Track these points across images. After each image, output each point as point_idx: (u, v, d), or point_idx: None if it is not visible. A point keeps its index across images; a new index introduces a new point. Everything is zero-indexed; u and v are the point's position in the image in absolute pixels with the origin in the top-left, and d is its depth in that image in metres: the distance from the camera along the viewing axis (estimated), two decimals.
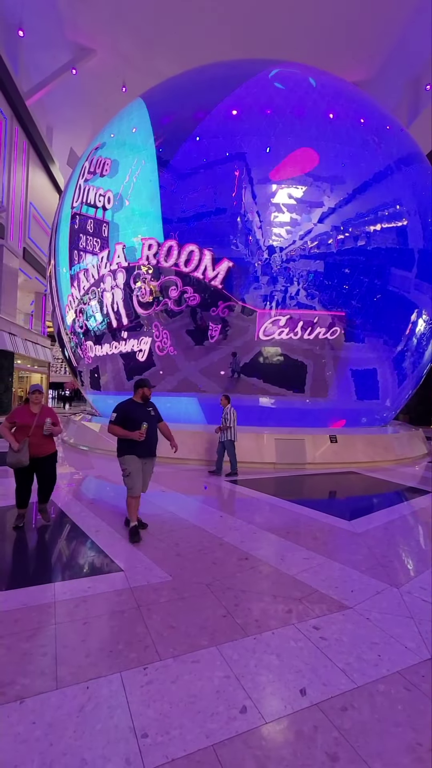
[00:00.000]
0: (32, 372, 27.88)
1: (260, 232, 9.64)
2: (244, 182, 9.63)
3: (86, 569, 3.36)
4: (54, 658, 2.17)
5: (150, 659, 2.18)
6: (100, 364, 11.58)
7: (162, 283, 10.03)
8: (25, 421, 4.25)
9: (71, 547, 3.88)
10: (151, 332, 10.28)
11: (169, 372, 10.23)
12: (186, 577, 3.19)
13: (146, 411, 4.35)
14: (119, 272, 10.65)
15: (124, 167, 10.69)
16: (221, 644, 2.33)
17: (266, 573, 3.30)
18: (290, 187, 9.56)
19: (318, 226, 9.53)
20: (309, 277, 9.76)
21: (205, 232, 9.79)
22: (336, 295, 9.85)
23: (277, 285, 9.65)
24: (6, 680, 2.00)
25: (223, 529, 4.38)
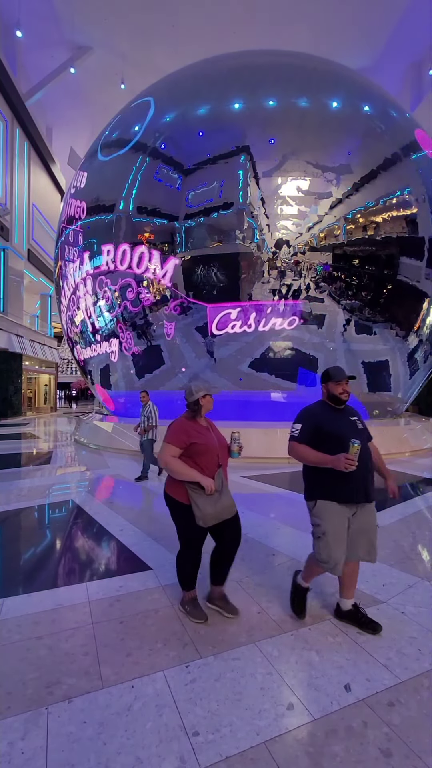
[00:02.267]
0: (40, 373, 28.05)
1: (266, 226, 9.58)
2: (249, 175, 9.54)
3: (115, 568, 3.38)
4: (96, 658, 2.19)
5: (191, 657, 2.19)
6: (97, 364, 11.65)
7: (120, 285, 10.48)
8: (206, 441, 2.62)
9: (98, 547, 3.90)
10: (117, 334, 10.90)
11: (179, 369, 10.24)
12: None
13: (351, 422, 2.56)
14: (88, 279, 11.28)
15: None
16: (259, 641, 2.34)
17: (296, 568, 3.30)
18: (296, 178, 9.47)
19: (326, 217, 9.44)
20: (318, 269, 9.70)
21: (211, 227, 9.76)
22: (345, 287, 9.78)
23: (285, 278, 9.59)
24: (52, 680, 2.02)
25: (246, 525, 4.34)
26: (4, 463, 9.19)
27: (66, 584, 3.06)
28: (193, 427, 2.63)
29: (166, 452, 2.54)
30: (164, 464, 2.54)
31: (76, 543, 4.07)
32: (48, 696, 1.91)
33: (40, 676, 2.05)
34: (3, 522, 4.76)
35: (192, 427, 2.63)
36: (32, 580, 3.19)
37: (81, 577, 3.20)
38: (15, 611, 2.67)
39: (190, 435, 2.57)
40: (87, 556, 3.70)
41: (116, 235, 10.48)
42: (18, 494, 5.91)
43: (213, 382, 10.01)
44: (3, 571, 3.42)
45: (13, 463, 9.24)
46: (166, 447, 2.55)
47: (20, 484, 6.67)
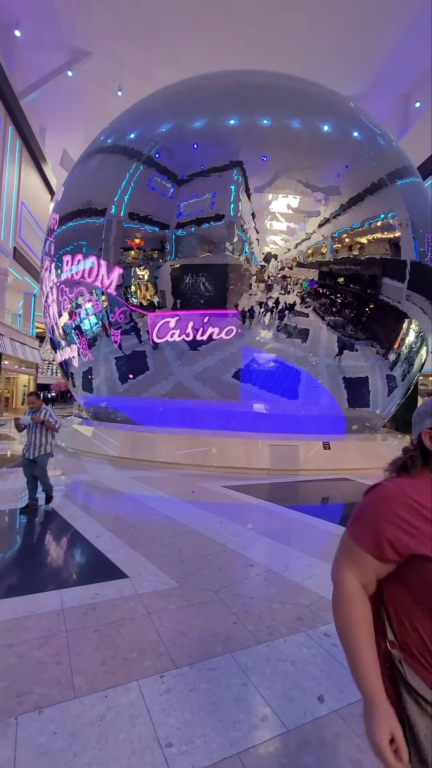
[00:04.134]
0: (19, 373, 27.44)
1: (256, 240, 9.76)
2: (241, 190, 9.74)
3: (91, 576, 3.32)
4: (69, 667, 2.14)
5: (166, 667, 2.17)
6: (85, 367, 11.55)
7: (75, 294, 10.96)
8: None
9: (74, 553, 3.83)
10: (75, 340, 11.42)
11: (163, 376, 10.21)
12: (193, 583, 3.18)
13: None
14: (54, 287, 11.84)
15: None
16: (235, 651, 2.34)
17: (272, 580, 3.32)
18: (287, 196, 9.71)
19: (313, 235, 9.70)
20: (303, 285, 9.92)
21: (201, 238, 9.89)
22: (330, 303, 10.03)
23: (271, 292, 9.77)
24: (23, 689, 1.96)
25: (225, 535, 4.38)
26: None
27: (39, 591, 2.99)
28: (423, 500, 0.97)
29: (342, 564, 1.05)
30: (335, 587, 1.04)
31: (51, 549, 3.99)
32: (18, 706, 1.86)
33: (10, 685, 1.99)
34: None
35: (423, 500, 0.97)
36: (3, 586, 3.10)
37: (55, 583, 3.13)
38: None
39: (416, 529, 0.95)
40: (62, 563, 3.62)
41: (106, 239, 10.47)
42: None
43: (196, 392, 10.03)
44: None
45: None
46: (345, 550, 1.05)
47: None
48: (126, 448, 9.29)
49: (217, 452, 8.69)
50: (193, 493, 6.37)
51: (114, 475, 7.56)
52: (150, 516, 5.05)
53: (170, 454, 8.76)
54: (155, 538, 4.19)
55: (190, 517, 5.02)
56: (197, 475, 7.94)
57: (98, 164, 11.82)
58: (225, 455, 8.64)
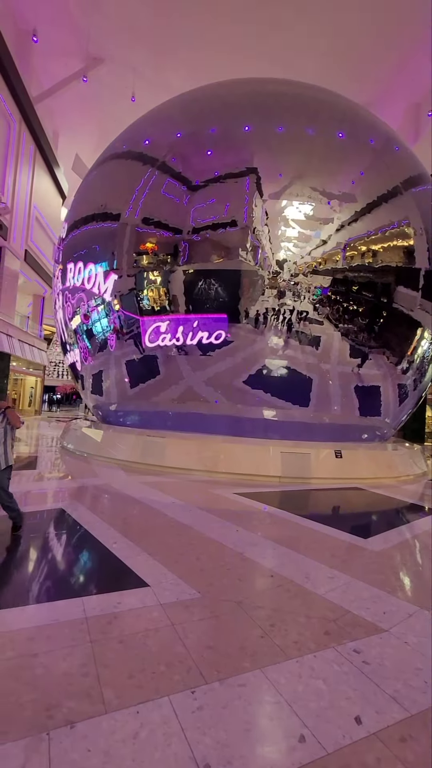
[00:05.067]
0: (27, 375, 27.56)
1: (269, 246, 9.76)
2: (255, 196, 9.76)
3: (110, 583, 3.27)
4: (96, 679, 2.09)
5: (196, 682, 2.12)
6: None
7: (76, 300, 11.44)
8: None
9: (93, 560, 3.78)
10: (77, 344, 11.89)
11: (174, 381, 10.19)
12: (214, 593, 3.13)
13: None
14: (60, 293, 12.27)
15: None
16: (265, 667, 2.27)
17: (294, 592, 3.25)
18: (301, 203, 9.71)
19: (327, 242, 9.68)
20: (316, 292, 9.88)
21: (215, 243, 9.90)
22: (342, 311, 9.99)
23: (284, 299, 9.74)
24: (52, 702, 1.91)
25: (242, 544, 4.32)
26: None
27: (61, 598, 2.94)
28: None
29: None
30: None
31: (70, 555, 3.94)
32: (48, 720, 1.81)
33: (38, 697, 1.95)
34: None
35: None
36: (25, 591, 3.06)
37: (77, 591, 3.09)
38: (7, 625, 2.55)
39: None
40: (82, 570, 3.58)
41: (119, 244, 10.52)
42: None
43: (207, 396, 10.00)
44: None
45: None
46: None
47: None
48: (136, 452, 9.25)
49: (228, 458, 8.62)
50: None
51: (125, 480, 7.52)
52: (165, 522, 5.00)
53: (180, 459, 8.71)
54: (172, 546, 4.13)
55: (206, 524, 4.96)
56: (208, 481, 7.89)
57: (113, 170, 11.93)
58: (236, 461, 8.57)
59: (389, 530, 5.21)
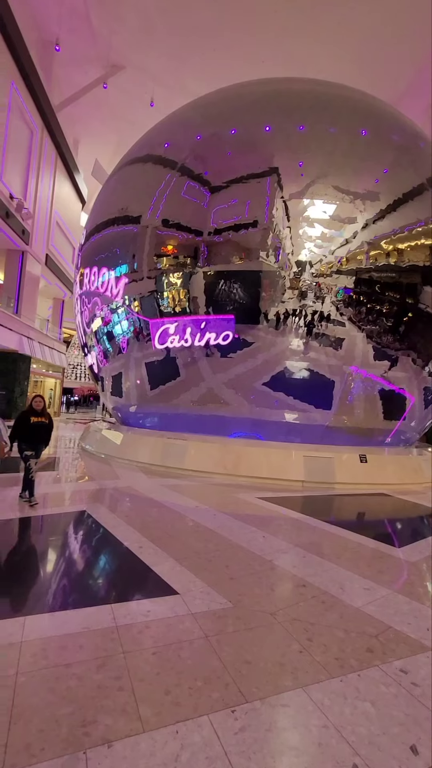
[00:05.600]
0: (47, 377, 28.02)
1: (291, 246, 9.61)
2: (276, 196, 9.63)
3: (139, 590, 3.19)
4: (132, 694, 2.00)
5: (236, 700, 2.00)
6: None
7: (92, 304, 11.73)
8: None
9: (120, 565, 3.71)
10: (94, 347, 12.21)
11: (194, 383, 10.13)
12: (247, 604, 3.00)
13: None
14: (79, 297, 12.56)
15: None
16: (307, 686, 2.14)
17: (330, 604, 3.10)
18: (324, 203, 9.54)
19: (350, 242, 9.47)
20: (339, 293, 9.68)
21: (236, 244, 9.82)
22: (366, 312, 9.74)
23: (306, 299, 9.57)
24: (88, 717, 1.83)
25: (270, 551, 4.18)
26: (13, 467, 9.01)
27: (90, 604, 2.87)
28: None
29: None
30: None
31: (96, 559, 3.89)
32: (85, 737, 1.73)
33: (74, 712, 1.86)
34: (16, 531, 4.57)
35: None
36: (53, 597, 3.01)
37: (105, 597, 3.02)
38: (38, 632, 2.49)
39: None
40: (109, 575, 3.51)
41: (140, 247, 10.54)
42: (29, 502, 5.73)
43: (227, 399, 9.90)
44: (20, 585, 3.23)
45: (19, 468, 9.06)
46: None
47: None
48: (156, 454, 9.21)
49: (250, 462, 8.48)
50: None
51: (146, 483, 7.47)
52: (190, 527, 4.90)
53: (201, 462, 8.62)
54: (199, 552, 4.03)
55: (231, 529, 4.84)
56: (229, 484, 7.77)
57: (133, 174, 12.00)
58: (257, 465, 8.43)
59: (421, 539, 4.98)
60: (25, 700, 1.92)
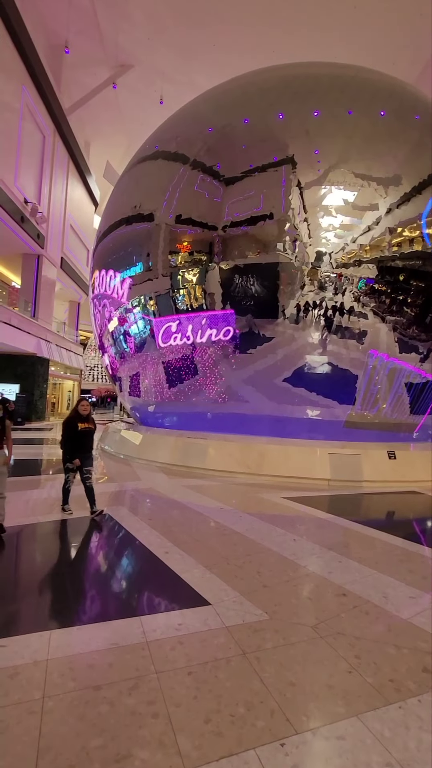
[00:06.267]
0: (65, 379, 28.33)
1: (308, 237, 9.29)
2: (292, 185, 9.32)
3: (168, 600, 3.01)
4: (168, 721, 1.81)
5: (284, 731, 1.79)
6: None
7: (102, 306, 11.94)
8: None
9: (145, 572, 3.54)
10: (112, 347, 12.26)
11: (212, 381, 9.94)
12: (284, 615, 2.79)
13: None
14: (95, 299, 12.60)
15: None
16: (363, 713, 1.91)
17: (375, 615, 2.85)
18: (343, 189, 9.18)
19: (372, 229, 9.09)
20: (360, 283, 9.32)
21: (251, 238, 9.56)
22: (390, 302, 9.36)
23: (325, 291, 9.25)
24: (122, 751, 1.65)
25: (302, 555, 3.95)
26: (34, 470, 9.01)
27: (117, 617, 2.70)
28: None
29: None
30: None
31: (121, 566, 3.74)
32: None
33: (106, 743, 1.69)
34: (38, 536, 4.47)
35: None
36: (77, 608, 2.85)
37: (132, 608, 2.84)
38: (65, 649, 2.33)
39: None
40: (135, 583, 3.34)
41: (154, 244, 10.39)
42: (50, 504, 5.65)
43: (246, 397, 9.67)
44: (42, 595, 3.10)
45: (36, 470, 9.08)
46: None
47: (52, 493, 6.42)
48: (177, 454, 9.06)
49: (273, 461, 8.24)
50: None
51: (168, 483, 7.32)
52: (216, 530, 4.71)
53: (223, 462, 8.42)
54: (228, 557, 3.83)
55: (259, 532, 4.62)
56: (253, 484, 7.55)
57: (145, 171, 11.85)
58: (281, 464, 8.18)
59: None
60: (54, 728, 1.76)
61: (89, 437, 5.19)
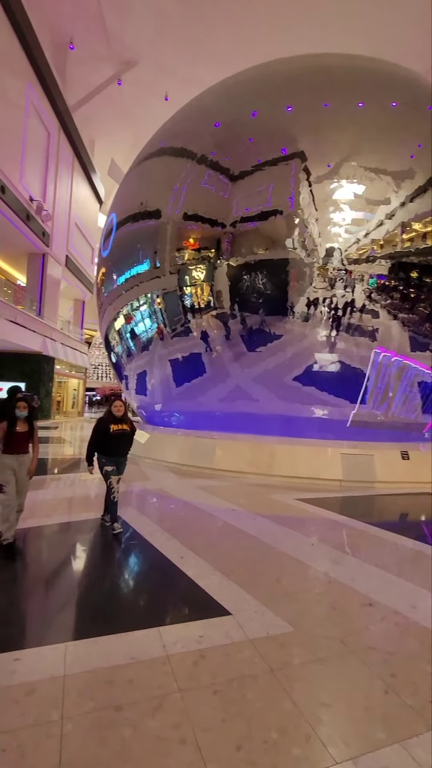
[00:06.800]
0: (70, 377, 28.29)
1: (318, 233, 9.10)
2: (301, 179, 9.13)
3: (187, 610, 2.87)
4: (197, 749, 1.68)
5: (323, 761, 1.65)
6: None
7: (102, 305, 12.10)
8: None
9: (161, 579, 3.41)
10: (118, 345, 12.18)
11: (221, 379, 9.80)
12: (309, 627, 2.64)
13: None
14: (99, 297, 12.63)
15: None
16: (406, 740, 1.77)
17: (405, 627, 2.71)
18: (353, 183, 8.98)
19: (383, 224, 8.89)
20: (370, 281, 9.12)
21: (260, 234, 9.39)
22: (402, 299, 9.15)
23: (335, 289, 9.06)
24: None
25: (321, 560, 3.81)
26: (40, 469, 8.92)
27: (134, 627, 2.57)
28: None
29: None
30: None
31: (134, 571, 3.61)
32: None
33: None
34: (44, 539, 4.36)
35: None
36: (91, 617, 2.73)
37: (150, 618, 2.71)
38: (82, 662, 2.20)
39: None
40: (151, 591, 3.21)
41: (162, 242, 10.25)
42: (59, 505, 5.54)
43: (256, 396, 9.52)
44: (54, 603, 2.98)
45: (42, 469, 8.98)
46: None
47: (60, 493, 6.32)
48: (185, 454, 8.94)
49: (284, 461, 8.09)
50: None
51: (177, 484, 7.20)
52: (230, 533, 4.57)
53: (233, 462, 8.29)
54: (245, 562, 3.69)
55: (275, 536, 4.48)
56: (263, 485, 7.41)
57: (150, 167, 11.71)
58: (292, 464, 8.03)
59: None
60: (74, 755, 1.63)
61: (125, 441, 4.61)
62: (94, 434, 4.51)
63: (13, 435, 3.88)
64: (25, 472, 4.00)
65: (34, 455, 4.09)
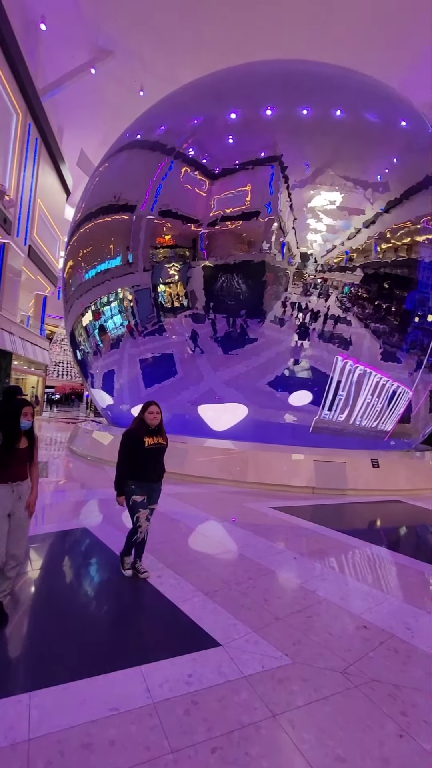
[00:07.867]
0: (29, 374, 26.79)
1: (295, 239, 9.08)
2: (279, 184, 9.08)
3: (171, 641, 2.54)
4: None
5: None
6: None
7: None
8: None
9: (138, 604, 3.04)
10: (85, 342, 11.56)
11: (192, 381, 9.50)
12: (308, 657, 2.41)
13: None
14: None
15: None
16: None
17: (405, 653, 2.54)
18: (330, 191, 9.04)
19: (357, 235, 9.02)
20: (344, 289, 9.21)
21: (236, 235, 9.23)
22: (374, 310, 9.32)
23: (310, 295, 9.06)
24: None
25: (308, 577, 3.61)
26: None
27: (111, 668, 2.21)
28: None
29: None
30: None
31: (107, 596, 3.21)
32: None
33: None
34: None
35: None
36: (59, 658, 2.33)
37: (129, 656, 2.36)
38: (50, 720, 1.82)
39: None
40: (127, 620, 2.84)
41: (135, 238, 9.81)
42: None
43: (229, 399, 9.31)
44: (11, 642, 2.55)
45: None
46: None
47: None
48: None
49: (257, 467, 7.92)
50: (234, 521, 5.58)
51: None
52: (210, 548, 4.29)
53: (204, 467, 8.00)
54: (228, 581, 3.41)
55: (255, 549, 4.24)
56: (236, 492, 7.18)
57: (126, 160, 11.23)
58: (265, 471, 7.87)
59: None
60: None
61: (160, 458, 3.60)
62: (125, 452, 3.46)
63: (11, 453, 2.70)
64: (23, 507, 2.79)
65: (33, 482, 2.88)
